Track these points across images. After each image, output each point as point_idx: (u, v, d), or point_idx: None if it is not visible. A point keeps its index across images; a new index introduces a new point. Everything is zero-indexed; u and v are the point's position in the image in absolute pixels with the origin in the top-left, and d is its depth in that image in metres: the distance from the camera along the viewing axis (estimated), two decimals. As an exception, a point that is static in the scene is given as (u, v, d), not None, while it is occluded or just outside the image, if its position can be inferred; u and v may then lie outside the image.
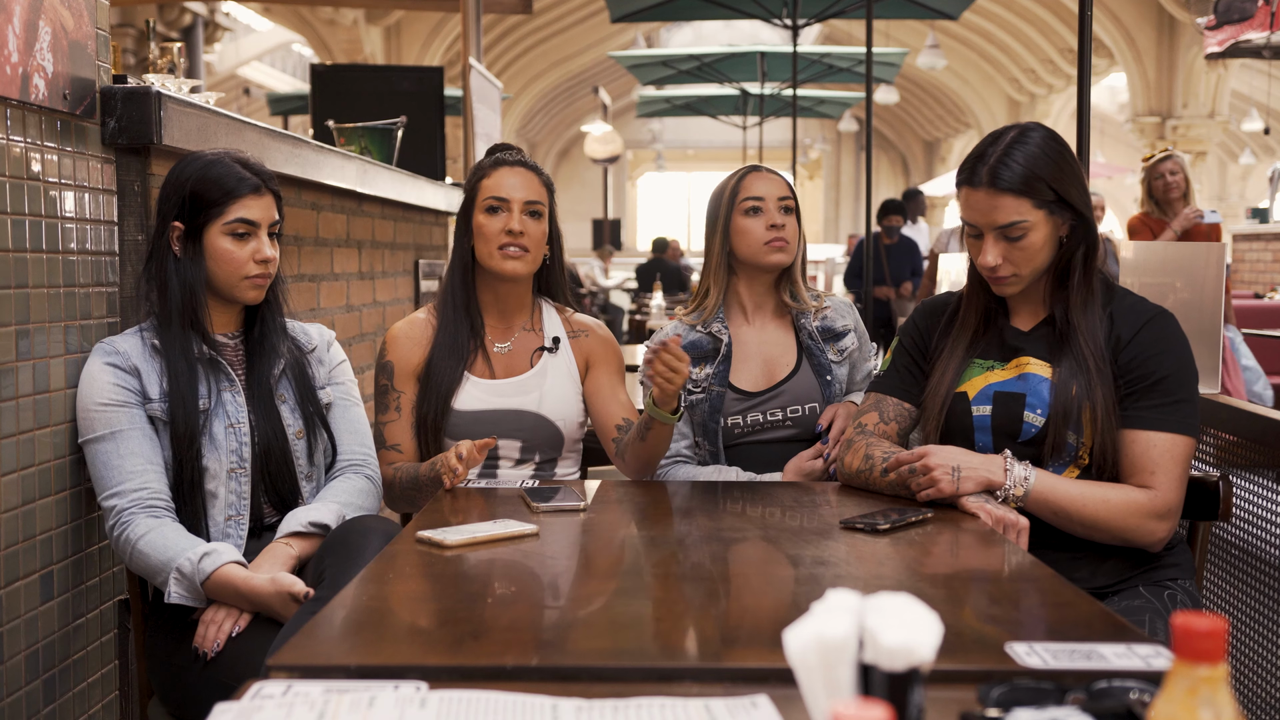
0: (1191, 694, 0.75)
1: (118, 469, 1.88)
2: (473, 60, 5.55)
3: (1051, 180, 1.86)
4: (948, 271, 4.88)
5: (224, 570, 1.80)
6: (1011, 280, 1.91)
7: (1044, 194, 1.85)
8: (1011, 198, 1.85)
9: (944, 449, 1.86)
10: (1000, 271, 1.90)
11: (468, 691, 1.06)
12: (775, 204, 2.34)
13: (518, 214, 2.24)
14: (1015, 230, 1.86)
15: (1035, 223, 1.86)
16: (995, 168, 1.86)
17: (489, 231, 2.24)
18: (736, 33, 18.95)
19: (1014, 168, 1.85)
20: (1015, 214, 1.85)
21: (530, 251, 2.26)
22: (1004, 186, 1.85)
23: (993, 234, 1.88)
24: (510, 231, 2.22)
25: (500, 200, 2.25)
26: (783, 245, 2.33)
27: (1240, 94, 18.59)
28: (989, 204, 1.87)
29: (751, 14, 8.40)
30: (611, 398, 2.34)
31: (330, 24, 16.01)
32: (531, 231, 2.25)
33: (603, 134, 16.84)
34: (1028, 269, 1.89)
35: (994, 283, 1.93)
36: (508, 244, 2.23)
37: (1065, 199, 1.87)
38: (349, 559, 1.76)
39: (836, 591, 0.89)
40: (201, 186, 1.94)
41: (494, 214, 2.25)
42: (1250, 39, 8.27)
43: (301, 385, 2.07)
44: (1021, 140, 1.87)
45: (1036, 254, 1.88)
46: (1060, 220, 1.89)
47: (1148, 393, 1.85)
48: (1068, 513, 1.82)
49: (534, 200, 2.26)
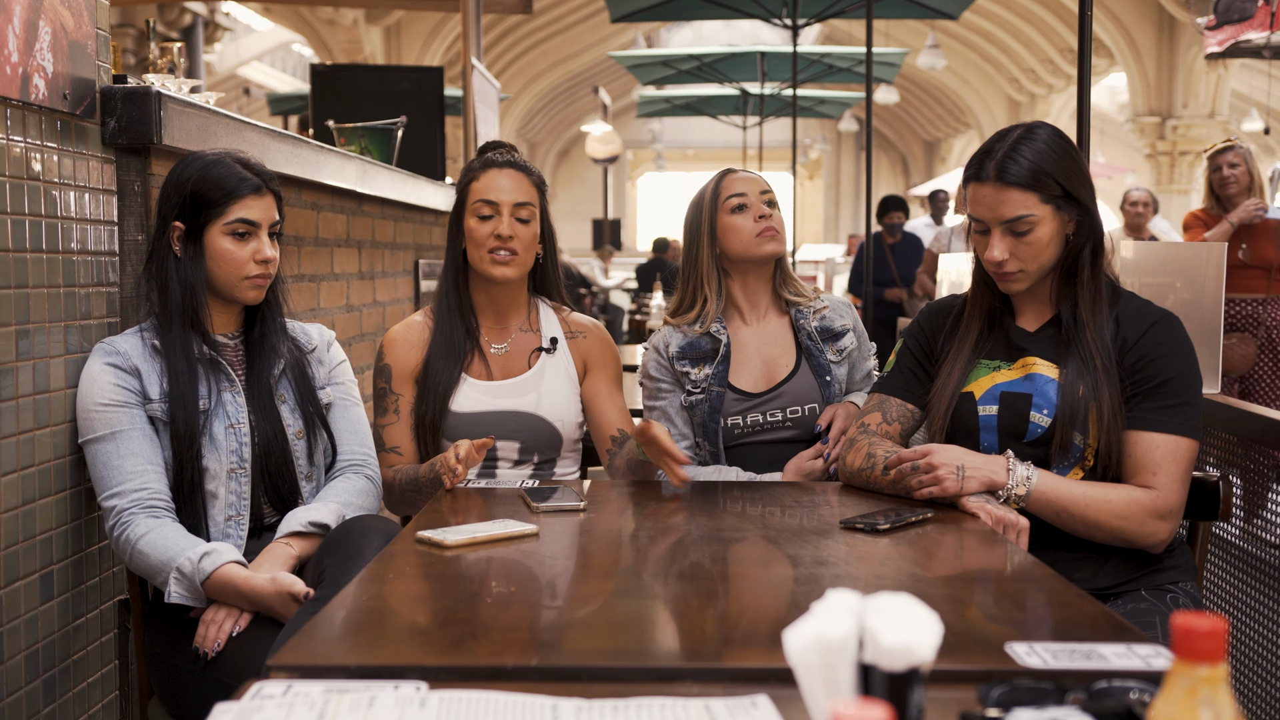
0: (1191, 694, 0.75)
1: (118, 469, 1.88)
2: (473, 60, 5.55)
3: (1058, 176, 1.86)
4: (948, 272, 4.87)
5: (224, 570, 1.80)
6: (1018, 276, 1.91)
7: (1051, 189, 1.86)
8: (1018, 192, 1.86)
9: (947, 448, 1.86)
10: (1007, 267, 1.90)
11: (468, 691, 1.06)
12: (758, 198, 2.37)
13: (507, 218, 2.24)
14: (1022, 225, 1.86)
15: (1042, 217, 1.87)
16: (1003, 162, 1.87)
17: (479, 236, 2.25)
18: (736, 33, 18.95)
19: (1021, 163, 1.86)
20: (1022, 208, 1.86)
21: (520, 255, 2.26)
22: (1011, 181, 1.86)
23: (999, 229, 1.88)
24: (499, 236, 2.23)
25: (489, 204, 2.25)
26: (773, 234, 2.36)
27: (1240, 94, 18.58)
28: (996, 198, 1.87)
29: (751, 14, 8.39)
30: (609, 404, 2.34)
31: (330, 24, 16.01)
32: (521, 234, 2.25)
33: (603, 134, 16.85)
34: (1034, 265, 1.90)
35: (1000, 279, 1.93)
36: (497, 248, 2.24)
37: (1072, 195, 1.88)
38: (349, 559, 1.76)
39: (836, 591, 0.89)
40: (202, 186, 1.94)
41: (484, 218, 2.25)
42: (1250, 39, 8.27)
43: (301, 385, 2.07)
44: (1029, 137, 1.89)
45: (1043, 249, 1.88)
46: (1067, 216, 1.89)
47: (1152, 394, 1.86)
48: (1070, 513, 1.82)
49: (524, 202, 2.26)
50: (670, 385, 2.39)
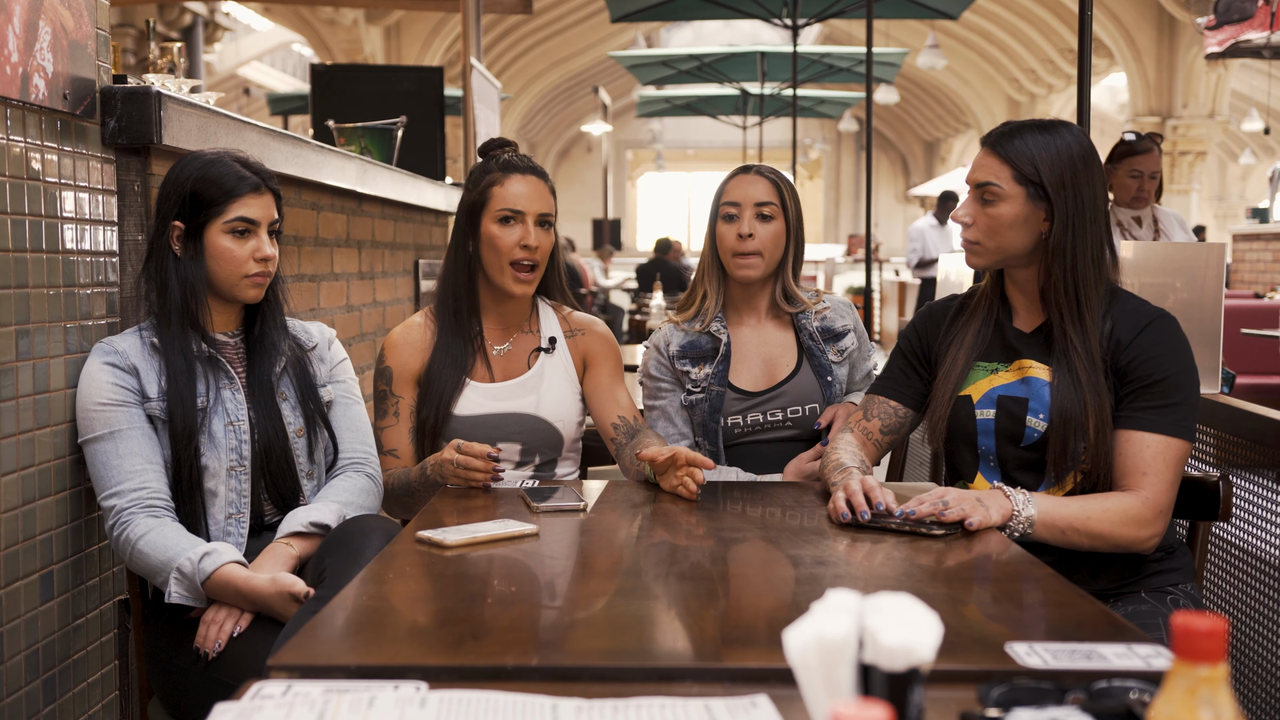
0: (1191, 694, 0.75)
1: (117, 469, 1.88)
2: (473, 60, 5.55)
3: (1045, 169, 1.86)
4: (948, 271, 4.87)
5: (224, 570, 1.80)
6: (976, 249, 1.94)
7: (1030, 174, 1.87)
8: (997, 160, 1.90)
9: (952, 490, 1.81)
10: (967, 234, 1.94)
11: (468, 691, 1.06)
12: (750, 210, 2.31)
13: (532, 227, 2.22)
14: (988, 192, 1.90)
15: (1008, 194, 1.88)
16: (1003, 133, 1.92)
17: (503, 245, 2.21)
18: (736, 33, 18.96)
19: (1015, 140, 1.89)
20: (993, 176, 1.89)
21: (539, 265, 2.24)
22: (996, 150, 1.90)
23: (974, 191, 1.93)
24: (526, 246, 2.20)
25: (515, 212, 2.21)
26: (748, 261, 2.31)
27: (1240, 94, 18.59)
28: (981, 161, 1.93)
29: (751, 14, 8.40)
30: (609, 397, 2.33)
31: (330, 24, 16.01)
32: (544, 245, 2.23)
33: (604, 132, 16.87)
34: (991, 241, 1.91)
35: (963, 245, 1.97)
36: (521, 259, 2.21)
37: (1049, 191, 1.86)
38: (349, 558, 1.76)
39: (836, 591, 0.89)
40: (202, 186, 1.94)
41: (507, 225, 2.22)
42: (1250, 39, 8.27)
43: (303, 383, 2.07)
44: (1044, 126, 1.91)
45: (1000, 229, 1.89)
46: (1041, 213, 1.89)
47: (1144, 394, 1.85)
48: (1075, 529, 1.79)
49: (546, 212, 2.25)
50: (670, 384, 2.38)
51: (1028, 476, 1.92)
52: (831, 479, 1.92)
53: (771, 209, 2.32)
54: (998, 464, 1.95)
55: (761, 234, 2.31)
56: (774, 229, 2.32)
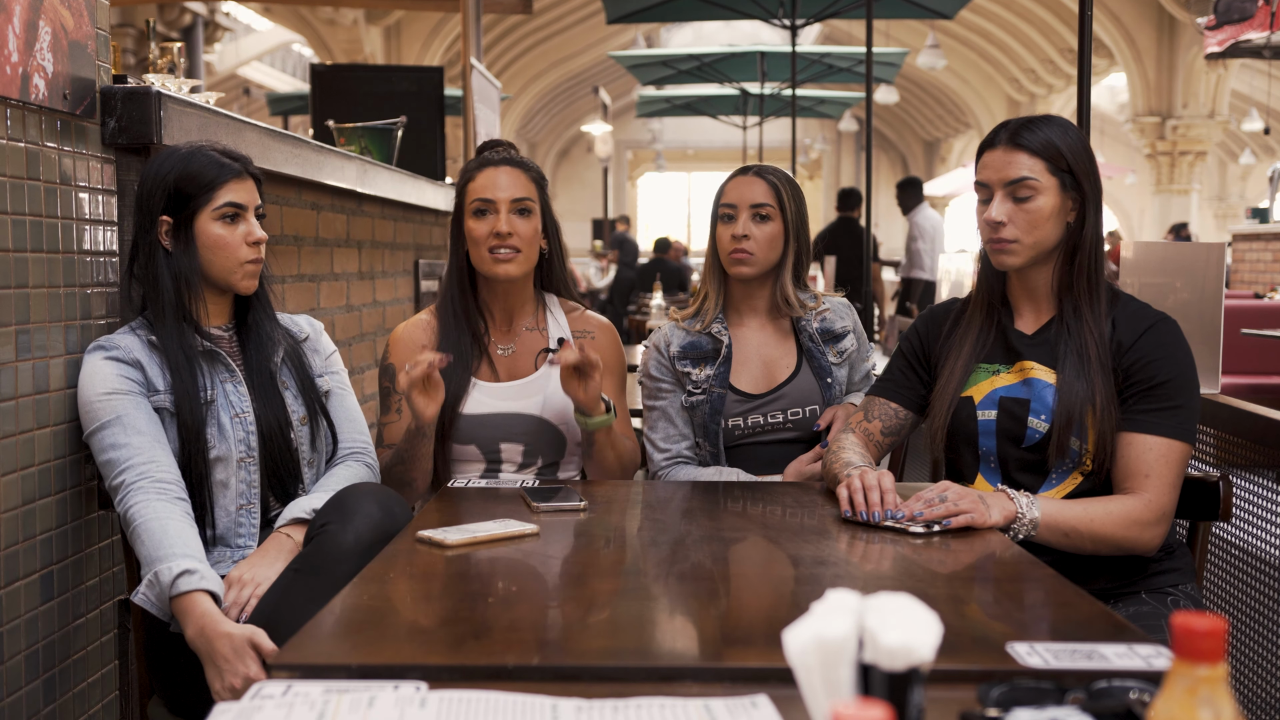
0: (1191, 694, 0.75)
1: (125, 447, 1.85)
2: (473, 60, 5.55)
3: (1069, 156, 1.89)
4: (948, 271, 4.87)
5: (194, 597, 1.73)
6: (1013, 248, 1.90)
7: (1059, 163, 1.88)
8: (1027, 155, 1.88)
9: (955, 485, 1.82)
10: (1003, 233, 1.89)
11: (468, 691, 1.06)
12: (746, 211, 2.32)
13: (504, 214, 2.22)
14: (1024, 188, 1.88)
15: (1045, 187, 1.88)
16: (1018, 129, 1.91)
17: (478, 235, 2.23)
18: (736, 33, 18.95)
19: (1036, 133, 1.89)
20: (1028, 170, 1.88)
21: (522, 251, 2.24)
22: (1022, 144, 1.89)
23: (1002, 191, 1.90)
24: (498, 234, 2.21)
25: (486, 202, 2.23)
26: (741, 258, 2.31)
27: (1240, 94, 18.59)
28: (1004, 160, 1.89)
29: (751, 14, 8.40)
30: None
31: (330, 24, 16.01)
32: (521, 230, 2.23)
33: (603, 134, 16.87)
34: (1030, 237, 1.89)
35: (994, 248, 1.92)
36: (496, 246, 2.22)
37: (1079, 180, 1.89)
38: (344, 519, 1.78)
39: (836, 591, 0.89)
40: (185, 178, 1.94)
41: (481, 216, 2.23)
42: (1250, 39, 8.27)
43: (301, 373, 2.08)
44: (1047, 119, 1.93)
45: (1042, 222, 1.88)
46: (1070, 200, 1.90)
47: (1146, 397, 1.85)
48: (1079, 531, 1.80)
49: (522, 198, 2.24)
50: (671, 385, 2.38)
51: (1028, 477, 1.92)
52: (841, 475, 1.91)
53: (768, 210, 2.33)
54: (998, 465, 1.95)
55: (757, 235, 2.31)
56: (770, 230, 2.33)
